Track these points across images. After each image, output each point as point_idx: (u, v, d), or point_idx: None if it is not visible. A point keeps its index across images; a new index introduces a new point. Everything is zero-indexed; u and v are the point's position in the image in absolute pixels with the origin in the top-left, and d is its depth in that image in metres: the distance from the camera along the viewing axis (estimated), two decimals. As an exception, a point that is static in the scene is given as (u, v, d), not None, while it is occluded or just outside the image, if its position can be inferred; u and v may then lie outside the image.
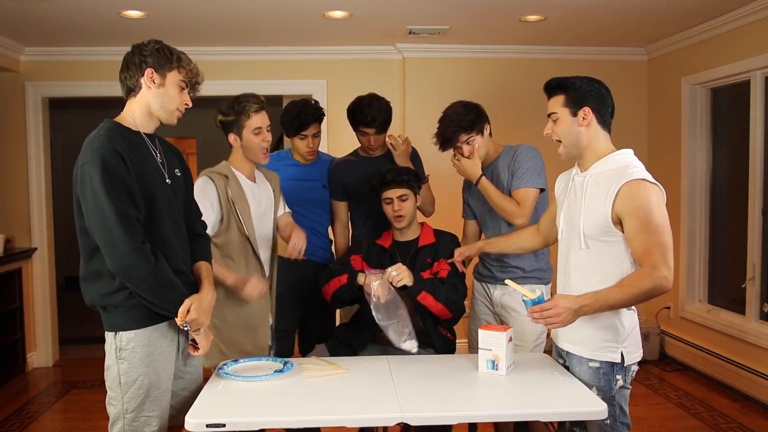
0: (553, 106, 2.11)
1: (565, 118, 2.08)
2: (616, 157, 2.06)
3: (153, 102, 2.02)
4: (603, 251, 2.02)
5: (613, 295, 1.95)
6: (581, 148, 2.09)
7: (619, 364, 2.04)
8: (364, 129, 3.02)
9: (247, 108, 2.56)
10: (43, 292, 5.06)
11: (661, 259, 1.92)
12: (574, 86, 2.07)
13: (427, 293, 2.55)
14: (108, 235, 1.85)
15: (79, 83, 4.97)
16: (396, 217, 2.71)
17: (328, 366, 2.29)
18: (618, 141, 2.14)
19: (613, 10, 4.06)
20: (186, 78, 2.05)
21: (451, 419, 1.94)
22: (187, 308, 1.97)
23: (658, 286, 1.92)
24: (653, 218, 1.92)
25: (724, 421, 3.76)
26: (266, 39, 4.73)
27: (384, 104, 3.04)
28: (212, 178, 2.52)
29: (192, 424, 1.82)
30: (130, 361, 1.97)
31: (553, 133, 2.12)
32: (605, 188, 1.99)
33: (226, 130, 2.61)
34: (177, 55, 2.04)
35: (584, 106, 2.06)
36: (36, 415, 4.06)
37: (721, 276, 4.72)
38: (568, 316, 1.95)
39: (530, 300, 2.01)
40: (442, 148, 2.77)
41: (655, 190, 1.96)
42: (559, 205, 2.23)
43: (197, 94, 2.15)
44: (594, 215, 2.01)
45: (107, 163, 1.86)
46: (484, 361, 2.19)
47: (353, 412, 1.90)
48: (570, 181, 2.19)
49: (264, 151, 2.60)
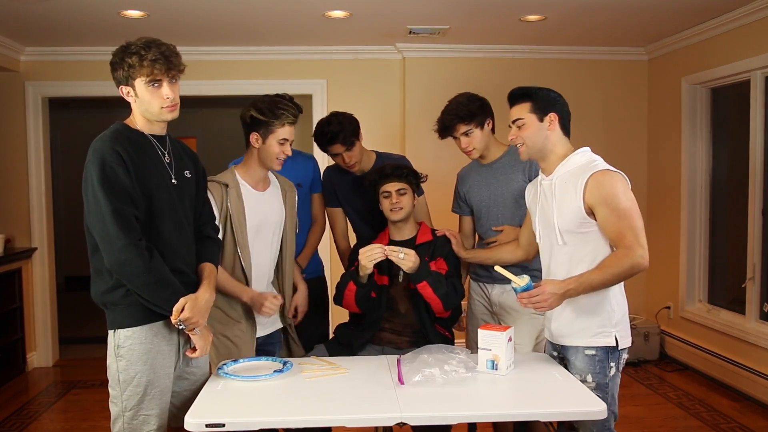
0: (519, 113, 2.27)
1: (533, 123, 2.24)
2: (576, 156, 2.22)
3: (141, 110, 2.05)
4: (582, 242, 2.16)
5: (595, 277, 2.09)
6: (546, 150, 2.24)
7: (613, 348, 2.16)
8: (330, 148, 2.88)
9: (284, 118, 2.48)
10: (43, 292, 5.06)
11: (635, 240, 2.06)
12: (539, 95, 2.26)
13: (428, 285, 2.54)
14: (104, 231, 1.90)
15: (79, 83, 4.97)
16: (393, 210, 2.69)
17: (327, 366, 2.29)
18: (618, 141, 2.16)
19: (613, 10, 4.06)
20: (149, 77, 1.97)
21: (450, 419, 1.94)
22: (181, 306, 1.98)
23: (636, 264, 2.05)
24: (620, 203, 2.07)
25: (724, 421, 3.76)
26: (266, 39, 4.73)
27: (345, 118, 2.87)
28: (211, 189, 2.45)
29: (191, 423, 1.83)
30: (128, 359, 1.99)
31: (517, 137, 2.26)
32: (573, 184, 2.15)
33: (252, 127, 2.51)
34: (129, 62, 1.95)
35: (550, 112, 2.23)
36: (36, 415, 4.06)
37: (721, 276, 4.72)
38: (554, 301, 2.09)
39: (519, 287, 2.13)
40: (440, 135, 2.79)
41: (618, 177, 2.12)
42: (533, 212, 2.37)
43: (187, 76, 2.09)
44: (567, 210, 2.16)
45: (105, 163, 1.91)
46: (483, 360, 2.20)
47: (353, 412, 1.90)
48: (538, 188, 2.33)
49: (280, 161, 2.54)
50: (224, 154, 8.16)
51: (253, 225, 2.53)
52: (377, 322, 2.70)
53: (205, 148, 8.25)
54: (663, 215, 4.96)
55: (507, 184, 2.74)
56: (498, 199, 2.76)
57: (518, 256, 2.61)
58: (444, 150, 3.85)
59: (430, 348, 2.25)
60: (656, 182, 5.09)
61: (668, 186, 4.90)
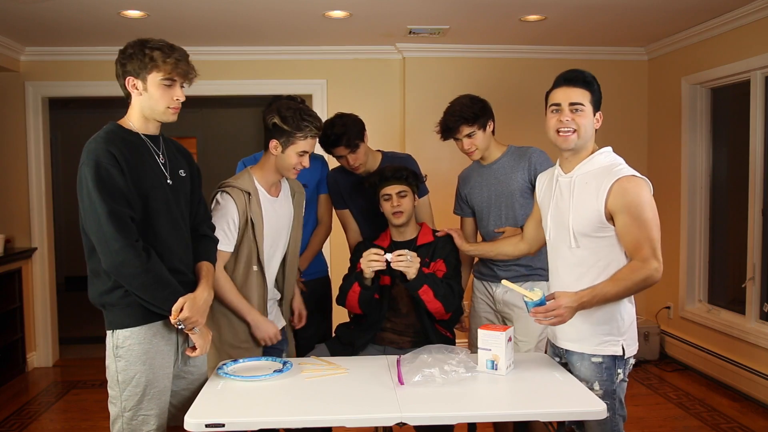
0: (581, 98, 2.12)
1: (589, 114, 2.13)
2: (600, 156, 2.14)
3: (144, 106, 2.04)
4: (597, 247, 2.09)
5: (609, 288, 2.04)
6: (584, 146, 2.14)
7: (620, 357, 2.11)
8: (334, 150, 2.86)
9: (308, 131, 2.45)
10: (43, 292, 5.06)
11: (651, 253, 2.01)
12: (597, 90, 2.16)
13: (429, 288, 2.55)
14: (100, 233, 1.90)
15: (79, 83, 4.97)
16: (394, 213, 2.69)
17: (327, 366, 2.29)
18: (618, 141, 2.16)
19: (613, 10, 4.06)
20: (168, 75, 2.00)
21: (450, 419, 1.94)
22: (180, 306, 1.98)
23: (649, 277, 2.02)
24: (644, 213, 2.01)
25: (724, 421, 3.76)
26: (266, 39, 4.73)
27: (349, 120, 2.84)
28: (234, 196, 2.42)
29: (191, 423, 1.83)
30: (127, 359, 1.99)
31: (571, 122, 2.09)
32: (595, 186, 2.07)
33: (273, 134, 2.46)
34: (151, 55, 1.97)
35: (599, 110, 2.17)
36: (36, 415, 4.06)
37: (721, 276, 4.72)
38: (567, 314, 2.04)
39: (532, 301, 2.06)
40: (443, 137, 2.78)
41: (645, 185, 2.06)
42: (544, 207, 2.28)
43: (194, 83, 2.10)
44: (585, 213, 2.08)
45: (100, 164, 1.90)
46: (483, 360, 2.20)
47: (353, 412, 1.90)
48: (554, 183, 2.23)
49: (297, 171, 2.53)
50: (224, 154, 8.20)
51: (269, 233, 2.51)
52: (379, 322, 2.70)
53: (205, 148, 8.26)
54: (663, 215, 4.91)
55: (508, 184, 2.74)
56: (499, 199, 2.77)
57: (521, 249, 2.57)
58: (444, 150, 3.85)
59: (430, 348, 2.24)
60: (656, 182, 5.00)
61: (668, 186, 4.90)
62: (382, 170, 2.73)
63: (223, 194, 2.45)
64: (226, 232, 2.41)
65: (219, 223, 2.39)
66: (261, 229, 2.46)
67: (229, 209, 2.41)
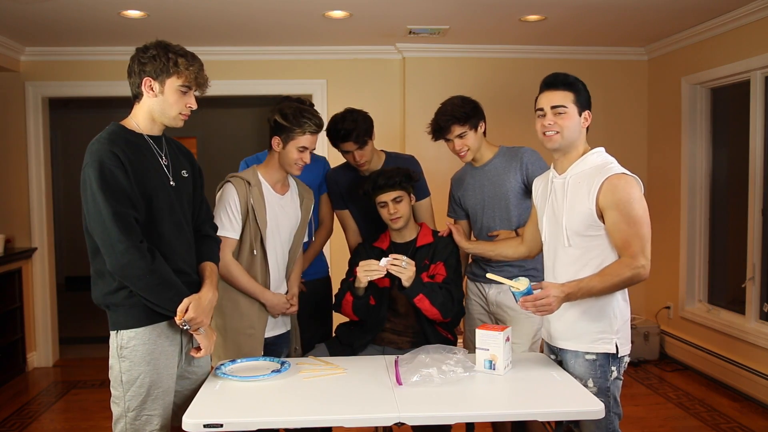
0: (562, 100, 2.16)
1: (573, 115, 2.16)
2: (591, 156, 2.18)
3: (155, 108, 2.04)
4: (589, 246, 2.12)
5: (596, 283, 2.07)
6: (573, 146, 2.19)
7: (613, 355, 2.14)
8: (342, 145, 2.86)
9: (306, 127, 2.51)
10: (43, 292, 5.06)
11: (639, 250, 2.04)
12: (582, 89, 2.18)
13: (425, 297, 2.54)
14: (105, 234, 1.90)
15: (79, 83, 4.97)
16: (392, 219, 2.70)
17: (325, 366, 2.29)
18: (618, 141, 2.16)
19: (613, 10, 4.06)
20: (186, 82, 2.03)
21: (448, 419, 1.94)
22: (185, 307, 1.99)
23: (636, 275, 2.05)
24: (633, 210, 2.04)
25: (724, 421, 3.76)
26: (266, 39, 4.73)
27: (360, 116, 2.85)
28: (234, 183, 2.52)
29: (189, 424, 1.83)
30: (131, 360, 1.99)
31: (554, 125, 2.15)
32: (587, 185, 2.10)
33: (275, 131, 2.55)
34: (175, 60, 2.00)
35: (587, 109, 2.19)
36: (36, 415, 4.06)
37: (721, 276, 4.72)
38: (555, 304, 2.06)
39: (520, 291, 2.09)
40: (434, 137, 2.79)
41: (634, 182, 2.08)
42: (540, 209, 2.32)
43: (204, 94, 2.13)
44: (577, 212, 2.12)
45: (104, 166, 1.91)
46: (481, 360, 2.20)
47: (351, 412, 1.90)
48: (549, 185, 2.27)
49: (299, 166, 2.58)
50: (224, 154, 8.21)
51: (272, 222, 2.57)
52: (380, 324, 2.70)
53: (205, 148, 8.26)
54: (663, 215, 4.96)
55: (500, 185, 2.74)
56: (492, 200, 2.76)
57: (521, 252, 2.57)
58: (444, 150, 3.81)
59: (428, 348, 2.24)
60: (656, 182, 5.08)
61: (668, 186, 4.90)
62: (375, 179, 2.70)
63: (225, 184, 2.56)
64: (229, 216, 2.49)
65: (221, 208, 2.48)
66: (263, 215, 2.53)
67: (230, 194, 2.51)
